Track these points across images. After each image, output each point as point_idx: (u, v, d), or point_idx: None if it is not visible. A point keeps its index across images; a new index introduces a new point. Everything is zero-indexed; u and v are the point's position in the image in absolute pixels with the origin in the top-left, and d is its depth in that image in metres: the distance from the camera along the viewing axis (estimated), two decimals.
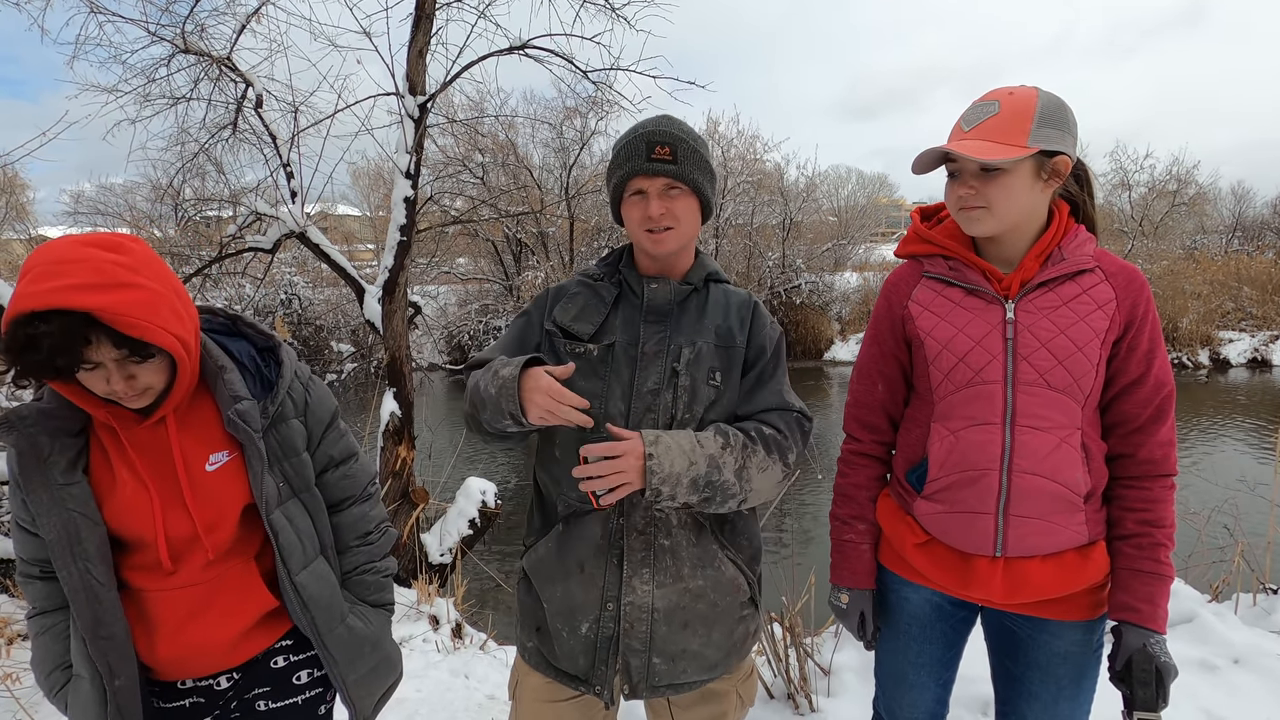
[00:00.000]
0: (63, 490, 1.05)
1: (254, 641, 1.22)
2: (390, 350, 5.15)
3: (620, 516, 1.25)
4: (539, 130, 15.56)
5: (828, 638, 2.71)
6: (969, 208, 1.20)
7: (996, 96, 1.18)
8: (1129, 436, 1.22)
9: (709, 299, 1.34)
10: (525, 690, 1.39)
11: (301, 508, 1.23)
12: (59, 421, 1.05)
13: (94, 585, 1.06)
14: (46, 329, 0.91)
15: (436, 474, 6.35)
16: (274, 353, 1.23)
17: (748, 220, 20.18)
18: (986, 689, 1.45)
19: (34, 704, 2.48)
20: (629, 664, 1.27)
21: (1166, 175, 21.29)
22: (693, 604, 1.27)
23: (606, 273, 1.37)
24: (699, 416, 1.26)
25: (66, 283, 0.91)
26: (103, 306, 0.92)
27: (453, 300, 19.22)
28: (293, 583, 1.19)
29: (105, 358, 0.97)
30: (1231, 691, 2.29)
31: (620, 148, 1.28)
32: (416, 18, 4.87)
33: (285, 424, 1.20)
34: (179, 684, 1.20)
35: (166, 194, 5.66)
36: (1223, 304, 17.98)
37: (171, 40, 4.76)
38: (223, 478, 1.13)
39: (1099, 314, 1.19)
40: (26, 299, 0.90)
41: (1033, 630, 1.30)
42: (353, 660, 1.27)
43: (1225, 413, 11.66)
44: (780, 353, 1.36)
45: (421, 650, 3.19)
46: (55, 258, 0.93)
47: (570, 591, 1.27)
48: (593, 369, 1.27)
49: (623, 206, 1.30)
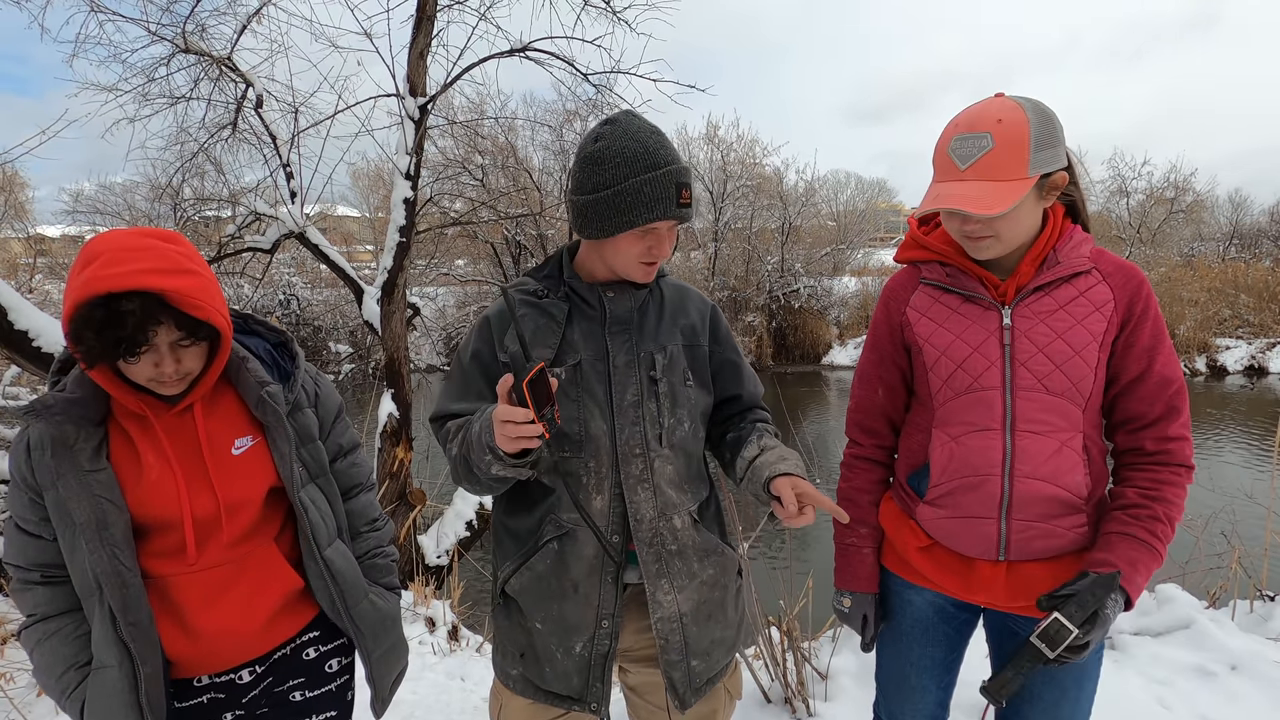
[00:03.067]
0: (89, 476, 1.06)
1: (280, 628, 1.24)
2: (388, 351, 5.15)
3: (616, 533, 1.23)
4: (539, 133, 15.57)
5: (825, 642, 2.70)
6: (977, 238, 1.19)
7: (985, 127, 1.11)
8: (1139, 432, 1.21)
9: (664, 298, 1.33)
10: (510, 713, 1.37)
11: (319, 492, 1.27)
12: (84, 409, 1.07)
13: (123, 571, 1.07)
14: (130, 306, 0.97)
15: (434, 476, 6.34)
16: (287, 347, 1.29)
17: (747, 224, 20.22)
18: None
19: (28, 704, 2.46)
20: (671, 678, 1.27)
21: (1164, 182, 21.41)
22: (710, 595, 1.30)
23: (550, 286, 1.29)
24: (683, 420, 1.27)
25: (142, 266, 0.98)
26: (175, 288, 0.99)
27: (451, 302, 19.23)
28: (322, 557, 1.23)
29: (164, 339, 1.03)
30: (1229, 698, 2.29)
31: (640, 184, 1.15)
32: (418, 19, 4.88)
33: (301, 412, 1.25)
34: (195, 681, 1.20)
35: (166, 193, 5.66)
36: (1220, 311, 18.04)
37: (172, 40, 4.77)
38: (248, 461, 1.17)
39: (1096, 316, 1.19)
40: (104, 280, 0.95)
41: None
42: (377, 635, 1.31)
43: (1222, 420, 11.69)
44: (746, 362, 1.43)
45: (418, 652, 3.17)
46: (122, 245, 1.00)
47: (564, 612, 1.25)
48: (564, 391, 1.21)
49: (623, 236, 1.20)
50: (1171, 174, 21.30)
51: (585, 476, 1.22)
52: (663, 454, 1.24)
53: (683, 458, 1.27)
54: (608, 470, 1.22)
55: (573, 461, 1.22)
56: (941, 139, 1.18)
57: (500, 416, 1.04)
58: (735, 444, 1.31)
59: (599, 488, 1.22)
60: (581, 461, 1.22)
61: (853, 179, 30.46)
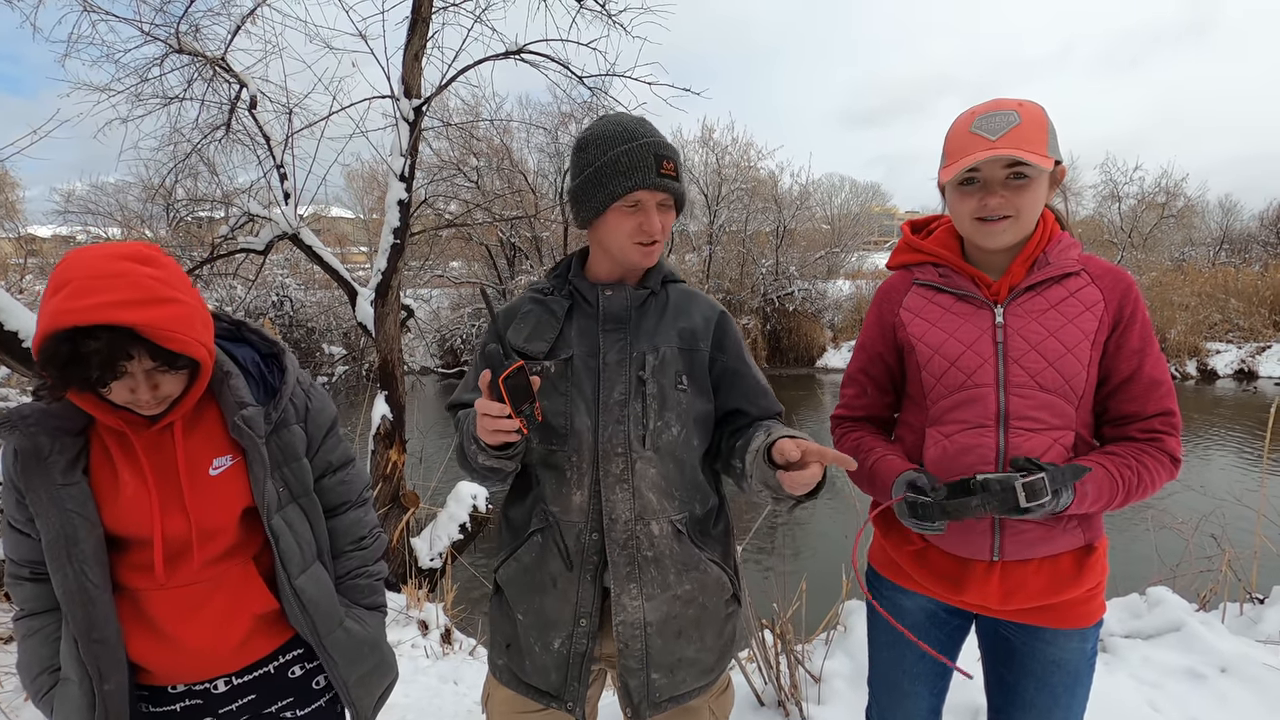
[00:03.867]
0: (61, 490, 1.04)
1: (256, 646, 1.22)
2: (382, 353, 5.13)
3: (595, 531, 1.22)
4: (534, 135, 15.59)
5: (818, 645, 2.70)
6: (994, 220, 1.19)
7: (1010, 106, 1.17)
8: (1127, 427, 1.22)
9: (669, 301, 1.30)
10: (496, 704, 1.38)
11: (300, 512, 1.23)
12: (61, 421, 1.05)
13: (88, 588, 1.06)
14: (95, 345, 0.92)
15: (427, 478, 6.31)
16: (278, 359, 1.25)
17: (742, 227, 20.26)
18: (979, 696, 1.45)
19: (16, 709, 2.44)
20: (628, 685, 1.25)
21: (1155, 187, 21.58)
22: (683, 610, 1.26)
23: (556, 285, 1.32)
24: (671, 424, 1.23)
25: (110, 299, 0.92)
26: (147, 322, 0.94)
27: (446, 304, 19.19)
28: (292, 586, 1.20)
29: (138, 369, 0.99)
30: (1219, 700, 2.30)
31: (616, 156, 1.19)
32: (413, 21, 4.87)
33: (287, 429, 1.21)
34: (169, 689, 1.19)
35: (158, 194, 5.62)
36: (1210, 315, 18.16)
37: (165, 40, 4.74)
38: (225, 482, 1.14)
39: (1087, 315, 1.20)
40: (70, 314, 0.90)
41: (1027, 638, 1.30)
42: (352, 662, 1.28)
43: (1212, 424, 11.76)
44: (756, 368, 1.33)
45: (410, 655, 3.16)
46: (93, 272, 0.94)
47: (544, 606, 1.26)
48: (553, 385, 1.23)
49: (610, 214, 1.22)
50: (1163, 179, 21.52)
51: (568, 471, 1.23)
52: (645, 455, 1.21)
53: (670, 463, 1.24)
54: (588, 467, 1.22)
55: (557, 455, 1.23)
56: (958, 124, 1.21)
57: (480, 409, 1.07)
58: (741, 447, 1.20)
59: (579, 483, 1.23)
60: (565, 456, 1.23)
61: (847, 182, 30.57)
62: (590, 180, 1.21)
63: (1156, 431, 1.19)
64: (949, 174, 1.19)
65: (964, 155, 1.17)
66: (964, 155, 1.17)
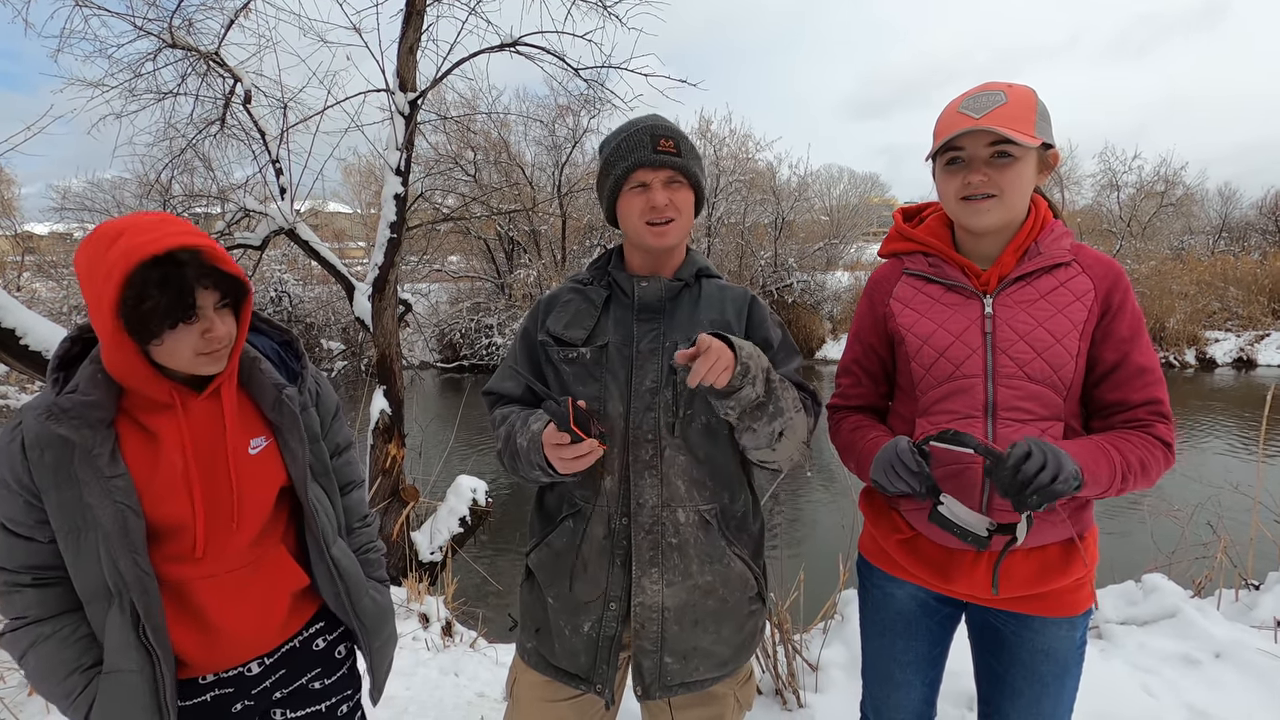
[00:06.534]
0: (110, 483, 1.04)
1: (291, 624, 1.27)
2: (380, 348, 5.13)
3: (624, 516, 1.25)
4: (531, 128, 15.54)
5: (816, 634, 2.72)
6: (978, 199, 1.19)
7: (998, 87, 1.17)
8: (1115, 417, 1.22)
9: (702, 294, 1.33)
10: (523, 688, 1.39)
11: (322, 491, 1.28)
12: (100, 411, 1.04)
13: (143, 578, 1.07)
14: (185, 257, 0.99)
15: (427, 472, 6.33)
16: (293, 346, 1.30)
17: (740, 219, 20.22)
18: (972, 684, 1.46)
19: (19, 704, 2.45)
20: (640, 665, 1.27)
21: (1154, 176, 21.51)
22: (702, 600, 1.28)
23: (596, 276, 1.38)
24: (701, 413, 1.25)
25: (175, 230, 0.99)
26: (209, 245, 1.02)
27: (444, 298, 19.16)
28: (330, 556, 1.25)
29: (208, 302, 1.05)
30: (1214, 685, 2.32)
31: (618, 143, 1.27)
32: (407, 14, 4.85)
33: (307, 412, 1.26)
34: (200, 680, 1.19)
35: (154, 190, 5.60)
36: (1209, 304, 18.15)
37: (158, 35, 4.72)
38: (263, 461, 1.18)
39: (1077, 305, 1.20)
40: (149, 245, 0.96)
41: (1016, 627, 1.30)
42: (376, 628, 1.35)
43: (1210, 411, 11.78)
44: (790, 344, 1.35)
45: (411, 648, 3.18)
46: (143, 219, 1.01)
47: (574, 590, 1.28)
48: (588, 371, 1.27)
49: (620, 200, 1.28)
50: (1161, 168, 21.42)
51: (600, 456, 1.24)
52: (674, 443, 1.24)
53: (700, 451, 1.26)
54: (619, 452, 1.25)
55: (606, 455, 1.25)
56: (948, 108, 1.22)
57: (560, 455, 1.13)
58: None
59: (610, 468, 1.26)
60: (610, 459, 1.25)
61: (845, 173, 30.41)
62: (601, 174, 1.31)
63: (1143, 421, 1.19)
64: (933, 150, 1.21)
65: (949, 133, 1.18)
66: (949, 133, 1.18)
